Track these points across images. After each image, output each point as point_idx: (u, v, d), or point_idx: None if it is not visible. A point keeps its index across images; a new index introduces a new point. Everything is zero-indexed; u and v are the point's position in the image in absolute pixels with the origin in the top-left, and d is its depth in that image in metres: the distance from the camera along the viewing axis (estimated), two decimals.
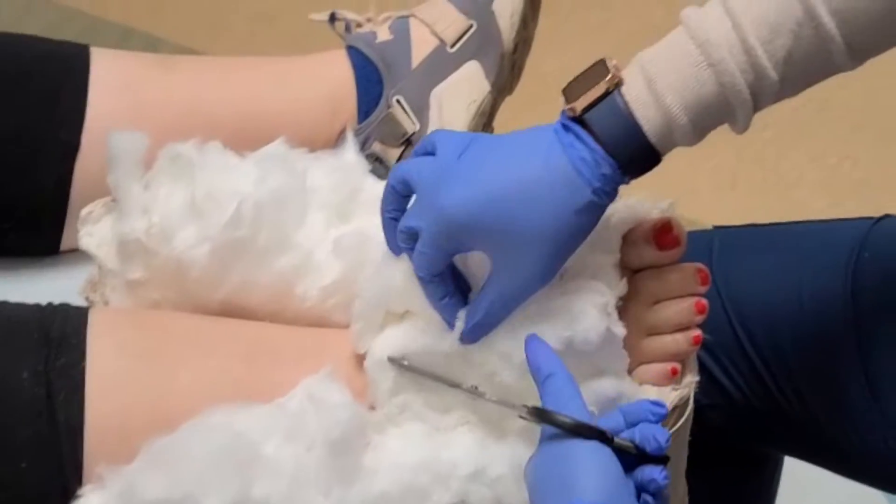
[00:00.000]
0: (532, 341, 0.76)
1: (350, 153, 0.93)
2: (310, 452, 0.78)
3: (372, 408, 0.82)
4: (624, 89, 0.77)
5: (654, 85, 0.76)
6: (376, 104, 1.04)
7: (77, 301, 0.87)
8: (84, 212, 0.89)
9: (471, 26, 1.05)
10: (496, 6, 1.06)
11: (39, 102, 0.98)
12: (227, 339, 0.85)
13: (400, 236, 0.80)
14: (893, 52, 0.80)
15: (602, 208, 0.78)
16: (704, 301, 0.84)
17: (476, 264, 0.82)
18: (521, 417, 0.73)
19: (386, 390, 0.82)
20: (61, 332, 0.81)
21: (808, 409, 0.94)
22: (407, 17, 1.07)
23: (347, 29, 1.08)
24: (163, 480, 0.74)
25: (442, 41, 1.05)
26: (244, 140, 0.93)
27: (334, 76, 1.04)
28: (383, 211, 0.82)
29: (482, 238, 0.77)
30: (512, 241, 0.77)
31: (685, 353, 0.84)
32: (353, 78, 1.04)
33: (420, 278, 0.80)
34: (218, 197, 0.86)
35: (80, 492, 0.75)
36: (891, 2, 0.74)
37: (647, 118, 0.76)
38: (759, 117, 0.79)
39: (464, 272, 0.83)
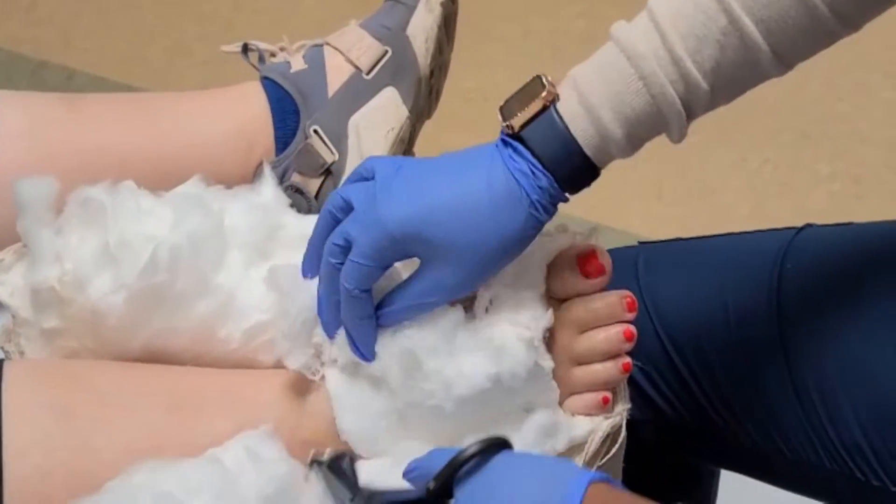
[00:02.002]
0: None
1: (268, 188, 0.91)
2: None
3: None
4: (559, 105, 0.78)
5: (587, 99, 0.77)
6: (293, 135, 1.02)
7: None
8: None
9: (386, 52, 1.04)
10: (410, 31, 1.05)
11: None
12: (147, 390, 0.83)
13: (331, 249, 0.79)
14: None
15: (540, 224, 0.79)
16: (632, 328, 0.83)
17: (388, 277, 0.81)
18: None
19: None
20: None
21: (738, 421, 0.94)
22: (321, 45, 1.05)
23: (261, 59, 1.06)
24: None
25: (357, 68, 1.04)
26: (158, 179, 0.90)
27: (249, 109, 1.02)
28: (315, 234, 0.81)
29: (420, 247, 0.78)
30: (449, 249, 0.77)
31: (615, 380, 0.84)
32: (268, 110, 1.02)
33: (345, 292, 0.79)
34: (132, 242, 0.84)
35: None
36: (811, 7, 0.75)
37: (582, 132, 0.77)
38: None
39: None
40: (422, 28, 1.05)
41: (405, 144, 1.06)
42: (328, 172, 1.02)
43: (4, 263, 0.87)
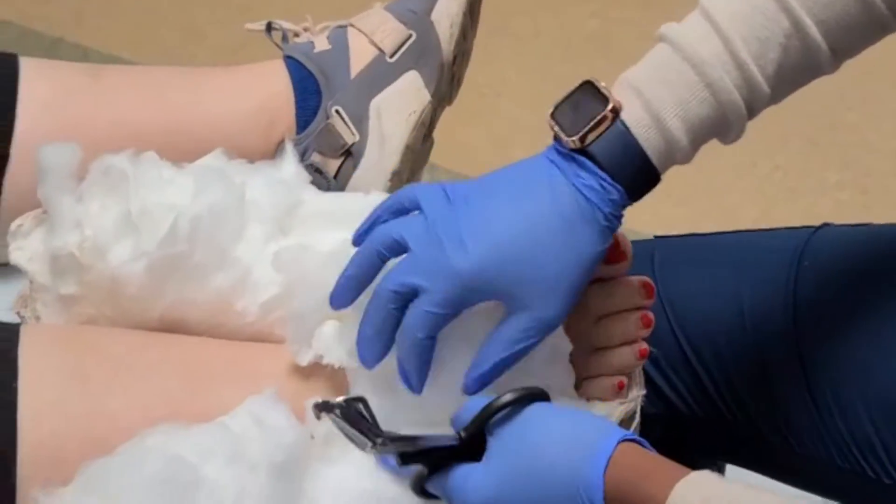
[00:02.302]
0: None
1: (290, 164, 0.91)
2: (252, 475, 0.76)
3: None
4: (623, 115, 0.76)
5: (652, 107, 0.76)
6: (315, 115, 1.02)
7: (6, 317, 0.85)
8: (14, 225, 0.87)
9: (410, 36, 1.04)
10: (435, 16, 1.05)
11: None
12: (163, 359, 0.83)
13: (389, 296, 0.76)
14: None
15: (612, 234, 0.78)
16: (650, 315, 0.83)
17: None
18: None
19: None
20: None
21: (750, 418, 0.94)
22: (345, 26, 1.05)
23: (284, 39, 1.06)
24: None
25: (381, 51, 1.04)
26: (178, 153, 0.90)
27: (271, 86, 1.02)
28: (353, 269, 0.78)
29: (501, 290, 0.76)
30: (531, 286, 0.75)
31: (631, 366, 0.83)
32: (290, 88, 1.02)
33: (412, 339, 0.76)
34: (153, 212, 0.84)
35: None
36: (869, 5, 0.76)
37: (649, 142, 0.76)
38: None
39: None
40: (447, 13, 1.05)
41: (426, 129, 1.06)
42: (348, 153, 1.02)
43: (23, 229, 0.87)
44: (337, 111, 1.01)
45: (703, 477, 0.66)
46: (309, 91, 1.02)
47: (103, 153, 0.87)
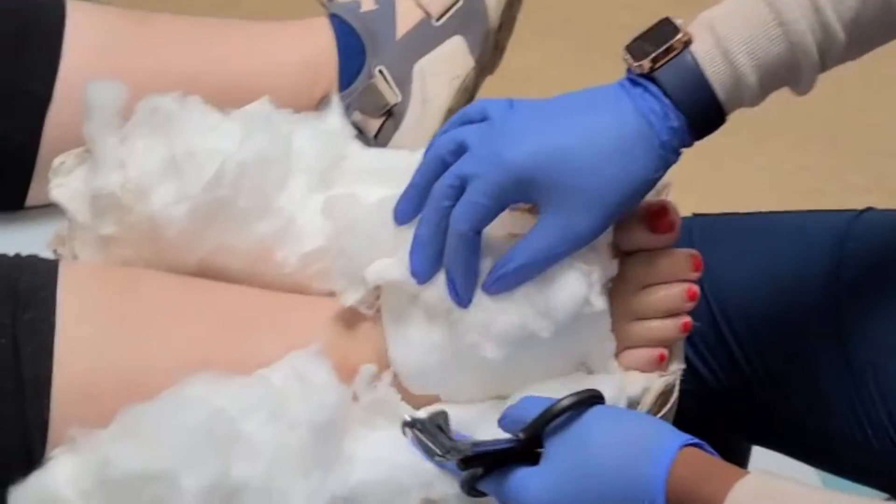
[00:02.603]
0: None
1: (335, 117, 0.90)
2: (292, 433, 0.75)
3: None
4: (693, 47, 0.77)
5: (723, 43, 0.76)
6: (358, 74, 1.01)
7: (44, 255, 0.83)
8: (56, 162, 0.86)
9: (457, 1, 1.03)
10: None
11: (3, 53, 0.94)
12: (201, 304, 0.82)
13: (443, 191, 0.76)
14: (848, 66, 0.81)
15: (666, 166, 0.77)
16: (696, 288, 0.82)
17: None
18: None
19: None
20: (29, 285, 0.77)
21: (785, 397, 0.93)
22: None
23: None
24: (139, 454, 0.70)
25: (427, 14, 1.03)
26: (221, 102, 0.89)
27: (315, 42, 1.02)
28: (418, 177, 0.78)
29: (544, 190, 0.75)
30: (577, 192, 0.75)
31: (673, 339, 0.82)
32: (334, 46, 1.01)
33: (457, 234, 0.76)
34: (199, 155, 0.82)
35: (50, 454, 0.71)
36: None
37: (717, 74, 0.76)
38: None
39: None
40: None
41: (469, 94, 1.05)
42: (389, 114, 1.01)
43: (66, 166, 0.86)
44: (380, 71, 1.01)
45: (759, 476, 0.65)
46: (353, 50, 1.01)
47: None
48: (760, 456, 1.04)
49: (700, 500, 0.65)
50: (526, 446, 0.72)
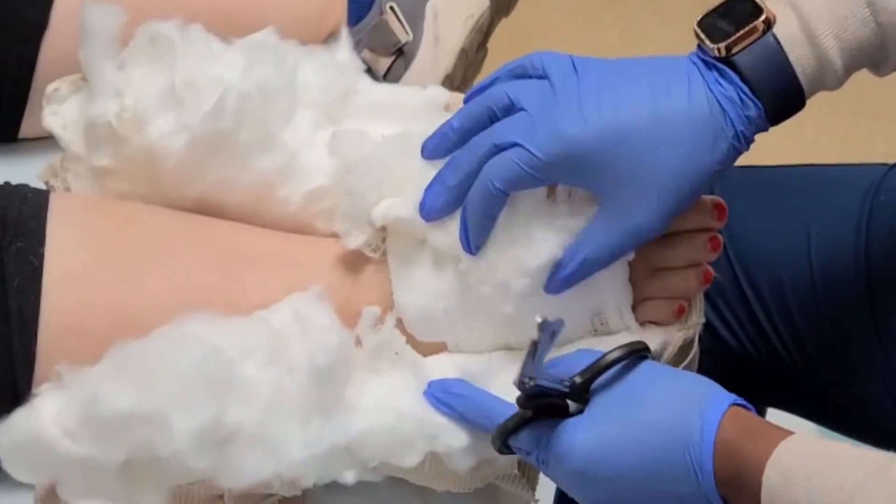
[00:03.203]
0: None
1: (344, 51, 0.85)
2: (291, 376, 0.71)
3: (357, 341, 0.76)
4: (776, 28, 0.71)
5: (809, 25, 0.71)
6: (368, 10, 0.97)
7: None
8: (50, 88, 0.81)
9: None
10: None
11: None
12: (199, 240, 0.78)
13: (488, 147, 0.71)
14: None
15: (737, 157, 0.72)
16: (720, 237, 0.78)
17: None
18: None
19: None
20: (18, 214, 0.73)
21: (809, 359, 0.89)
22: None
23: None
24: (130, 392, 0.67)
25: None
26: (226, 32, 0.85)
27: None
28: (459, 121, 0.74)
29: (601, 173, 0.70)
30: (637, 181, 0.70)
31: (693, 291, 0.78)
32: None
33: (485, 187, 0.71)
34: (200, 84, 0.78)
35: (37, 390, 0.67)
36: None
37: (801, 59, 0.71)
38: None
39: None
40: None
41: (482, 35, 1.01)
42: (400, 52, 0.97)
43: (59, 93, 0.82)
44: (391, 8, 0.97)
45: (806, 435, 0.64)
46: None
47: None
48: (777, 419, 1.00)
49: (744, 458, 0.63)
50: (579, 394, 0.68)
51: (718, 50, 0.71)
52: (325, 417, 0.72)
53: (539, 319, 0.65)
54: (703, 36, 0.72)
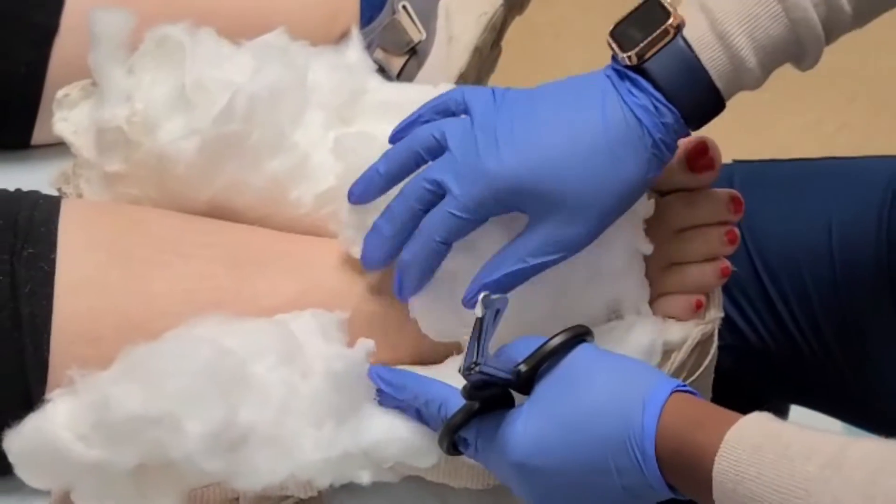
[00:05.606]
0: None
1: (355, 51, 0.85)
2: (305, 380, 0.70)
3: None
4: (686, 31, 0.70)
5: (719, 24, 0.70)
6: (380, 9, 0.97)
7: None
8: (60, 94, 0.81)
9: None
10: None
11: None
12: (209, 243, 0.77)
13: (418, 192, 0.72)
14: (888, 24, 0.76)
15: (661, 164, 0.71)
16: (737, 231, 0.77)
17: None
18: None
19: None
20: (29, 220, 0.73)
21: (830, 353, 0.88)
22: None
23: None
24: (140, 394, 0.66)
25: None
26: (234, 34, 0.85)
27: None
28: (388, 165, 0.74)
29: (530, 202, 0.70)
30: (564, 202, 0.70)
31: (711, 285, 0.78)
32: None
33: (428, 241, 0.72)
34: (209, 87, 0.78)
35: (48, 396, 0.66)
36: None
37: (714, 61, 0.70)
38: None
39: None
40: None
41: (496, 33, 1.00)
42: (413, 52, 0.96)
43: (70, 99, 0.82)
44: (404, 7, 0.96)
45: (755, 421, 0.61)
46: None
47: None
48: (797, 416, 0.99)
49: (691, 447, 0.61)
50: (524, 383, 0.67)
51: (630, 58, 0.70)
52: (338, 422, 0.71)
53: (481, 295, 0.64)
54: (614, 46, 0.71)
